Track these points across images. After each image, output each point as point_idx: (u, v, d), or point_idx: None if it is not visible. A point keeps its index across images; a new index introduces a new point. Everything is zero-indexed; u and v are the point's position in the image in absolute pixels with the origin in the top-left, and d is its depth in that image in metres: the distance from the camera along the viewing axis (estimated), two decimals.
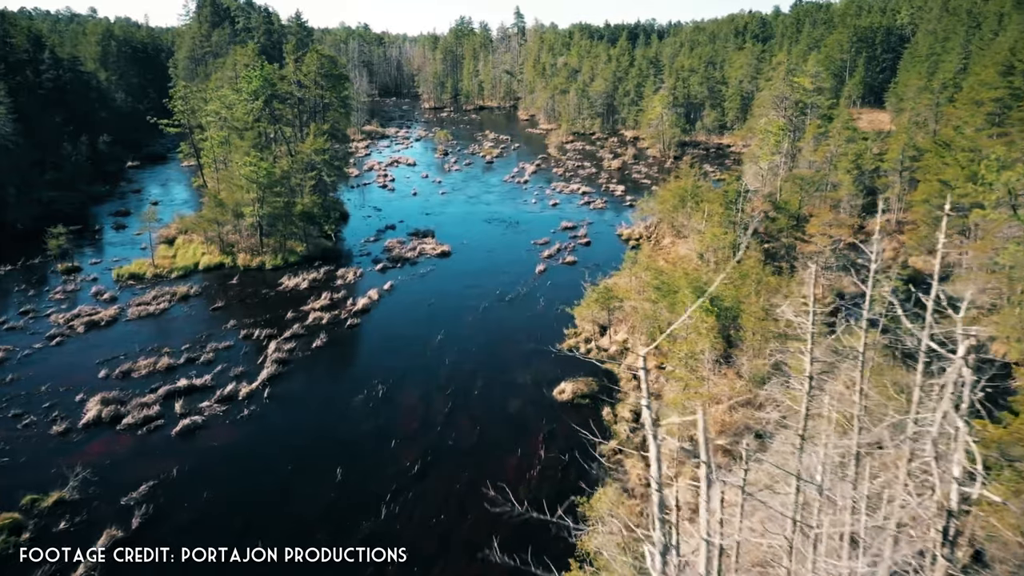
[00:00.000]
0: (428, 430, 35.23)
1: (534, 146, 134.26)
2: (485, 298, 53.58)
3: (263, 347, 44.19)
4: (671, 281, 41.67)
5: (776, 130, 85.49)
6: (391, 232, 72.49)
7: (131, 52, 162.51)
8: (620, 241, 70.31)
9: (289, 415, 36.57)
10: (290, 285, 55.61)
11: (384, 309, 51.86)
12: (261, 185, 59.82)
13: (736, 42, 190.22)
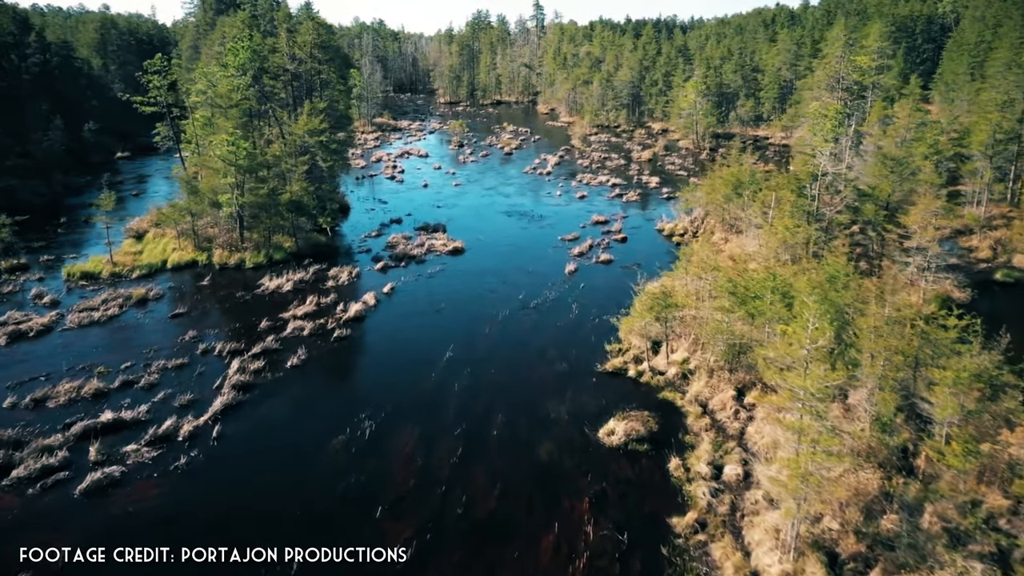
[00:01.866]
0: (429, 490, 25.53)
1: (555, 138, 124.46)
2: (505, 304, 43.88)
3: (225, 365, 34.77)
4: (752, 284, 31.74)
5: (832, 114, 75.28)
6: (396, 227, 63.03)
7: (135, 43, 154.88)
8: (662, 237, 60.32)
9: (240, 466, 27.00)
10: (271, 287, 46.22)
11: (382, 317, 42.30)
12: (241, 169, 50.53)
13: (766, 33, 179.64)
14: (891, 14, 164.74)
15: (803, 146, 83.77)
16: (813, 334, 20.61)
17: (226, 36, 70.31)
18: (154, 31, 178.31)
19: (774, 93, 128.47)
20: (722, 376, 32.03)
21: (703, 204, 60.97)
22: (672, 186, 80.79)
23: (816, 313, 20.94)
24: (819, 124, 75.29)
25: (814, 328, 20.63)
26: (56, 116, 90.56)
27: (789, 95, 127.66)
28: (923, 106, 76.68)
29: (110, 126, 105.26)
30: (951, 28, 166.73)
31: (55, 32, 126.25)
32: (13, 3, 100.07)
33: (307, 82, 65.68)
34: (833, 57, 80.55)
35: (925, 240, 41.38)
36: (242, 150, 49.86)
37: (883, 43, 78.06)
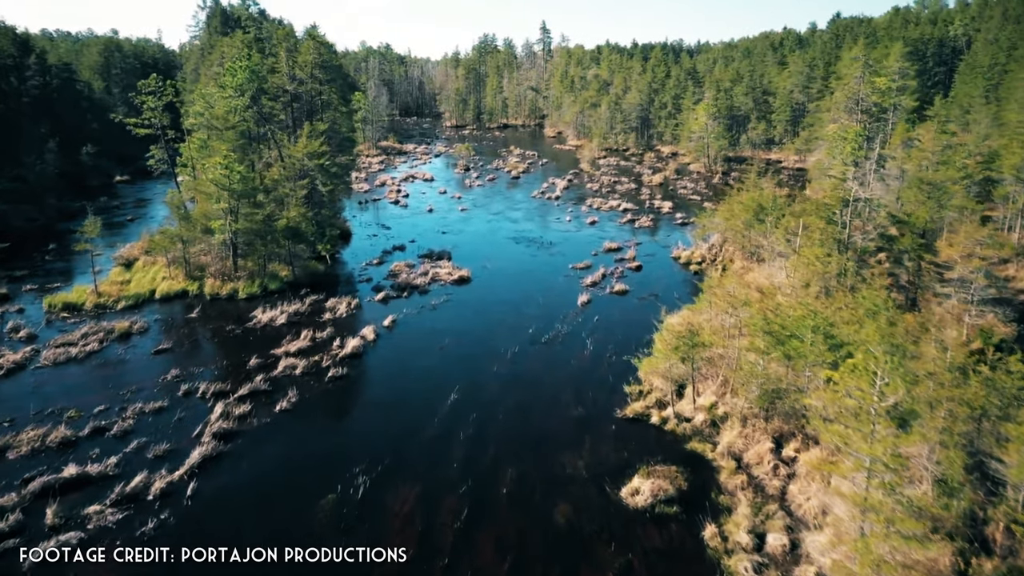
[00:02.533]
0: (428, 563, 22.27)
1: (563, 162, 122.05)
2: (514, 339, 40.77)
3: (208, 409, 31.69)
4: (788, 323, 28.58)
5: (852, 136, 72.59)
6: (399, 254, 60.18)
7: (140, 67, 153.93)
8: (678, 265, 57.24)
9: (214, 532, 23.75)
10: (263, 319, 43.25)
11: (381, 354, 39.22)
12: (234, 193, 47.85)
13: (774, 56, 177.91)
14: (902, 37, 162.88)
15: (821, 169, 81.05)
16: (883, 390, 17.45)
17: (225, 56, 68.14)
18: (160, 55, 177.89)
19: (786, 116, 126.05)
20: (757, 425, 28.78)
21: (721, 230, 58.00)
22: (686, 211, 77.93)
23: (887, 366, 17.79)
24: (838, 147, 72.85)
25: (884, 383, 17.48)
26: (51, 139, 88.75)
27: (801, 117, 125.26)
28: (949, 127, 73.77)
29: (110, 149, 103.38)
30: (963, 51, 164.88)
31: (58, 55, 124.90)
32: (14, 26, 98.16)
33: (308, 103, 63.31)
34: (852, 78, 77.95)
35: (968, 271, 38.20)
36: (236, 174, 47.20)
37: (904, 63, 75.51)
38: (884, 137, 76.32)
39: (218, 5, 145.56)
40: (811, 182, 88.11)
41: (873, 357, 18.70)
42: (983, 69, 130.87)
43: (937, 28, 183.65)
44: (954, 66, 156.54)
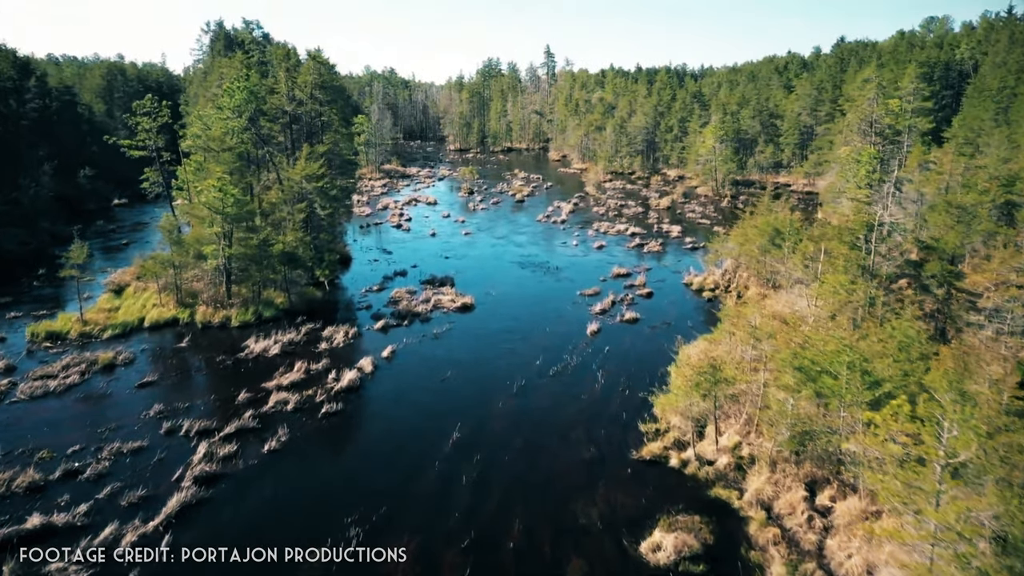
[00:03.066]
0: None
1: (568, 185, 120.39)
2: (521, 371, 38.45)
3: (191, 449, 29.38)
4: (820, 358, 26.24)
5: (866, 159, 70.84)
6: (401, 280, 58.07)
7: (143, 91, 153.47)
8: (690, 292, 54.98)
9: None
10: (256, 349, 41.02)
11: (379, 387, 36.91)
12: (228, 217, 45.90)
13: (780, 80, 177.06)
14: (909, 59, 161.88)
15: (834, 193, 79.04)
16: (951, 444, 15.12)
17: (223, 77, 66.71)
18: (164, 78, 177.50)
19: (794, 139, 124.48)
20: (787, 469, 26.33)
21: (734, 256, 55.83)
22: (695, 235, 75.89)
23: (956, 416, 15.47)
24: (851, 169, 71.09)
25: (952, 436, 15.16)
26: (46, 162, 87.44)
27: (810, 141, 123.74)
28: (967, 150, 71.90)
29: (110, 173, 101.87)
30: (969, 75, 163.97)
31: (60, 78, 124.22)
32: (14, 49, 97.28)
33: (308, 125, 61.64)
34: (864, 99, 76.24)
35: (1004, 300, 35.89)
36: (230, 196, 45.28)
37: (918, 84, 73.82)
38: (900, 160, 74.42)
39: (221, 29, 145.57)
40: (822, 205, 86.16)
41: (938, 405, 16.37)
42: (992, 92, 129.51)
43: (943, 52, 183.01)
44: (961, 90, 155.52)
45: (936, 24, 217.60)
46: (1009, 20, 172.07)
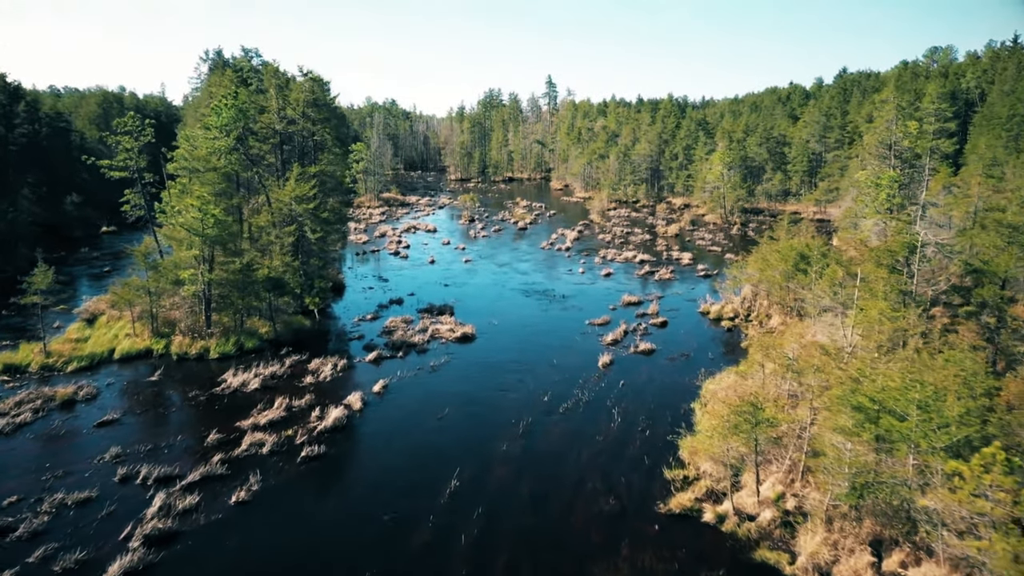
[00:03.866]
0: None
1: (571, 214, 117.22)
2: (527, 408, 34.46)
3: (146, 501, 25.33)
4: (884, 396, 22.28)
5: (887, 181, 67.55)
6: (396, 308, 54.30)
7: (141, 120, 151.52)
8: (707, 321, 51.12)
9: None
10: (234, 384, 37.07)
11: (368, 426, 32.90)
12: (208, 239, 42.31)
13: (784, 109, 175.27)
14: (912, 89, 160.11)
15: (851, 218, 75.67)
16: None
17: (213, 96, 63.71)
18: (162, 108, 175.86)
19: (803, 166, 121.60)
20: (846, 528, 22.23)
21: (754, 282, 52.07)
22: (707, 263, 72.27)
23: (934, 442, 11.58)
24: (870, 194, 67.74)
25: None
26: (27, 186, 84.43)
27: (819, 168, 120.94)
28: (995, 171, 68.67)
29: (100, 200, 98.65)
30: (975, 103, 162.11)
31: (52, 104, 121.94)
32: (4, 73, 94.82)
33: (300, 145, 58.39)
34: (883, 121, 73.12)
35: None
36: (210, 217, 41.73)
37: (940, 104, 70.82)
38: (922, 183, 71.12)
39: (220, 57, 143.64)
40: (837, 232, 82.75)
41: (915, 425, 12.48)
42: (1001, 120, 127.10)
43: (949, 81, 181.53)
44: (968, 118, 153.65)
45: (940, 54, 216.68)
46: (1015, 49, 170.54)
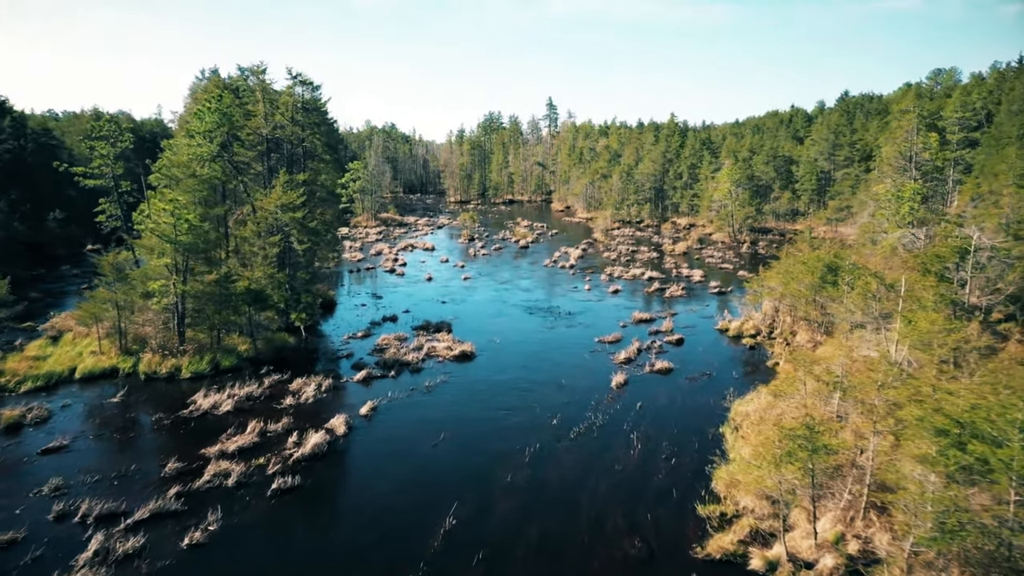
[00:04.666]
0: None
1: (574, 233, 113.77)
2: (533, 434, 30.40)
3: (82, 543, 21.21)
4: (974, 418, 18.30)
5: (909, 194, 64.14)
6: (390, 326, 50.37)
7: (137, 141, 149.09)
8: (726, 338, 47.15)
9: None
10: (204, 405, 33.02)
11: (352, 454, 28.81)
12: (181, 247, 38.51)
13: (787, 131, 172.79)
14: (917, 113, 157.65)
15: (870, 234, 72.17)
16: None
17: (198, 101, 60.37)
18: (159, 129, 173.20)
19: (811, 185, 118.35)
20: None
21: (776, 296, 48.18)
22: (720, 280, 68.47)
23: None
24: (891, 207, 64.32)
25: None
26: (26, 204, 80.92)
27: (828, 187, 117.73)
28: None
29: (86, 217, 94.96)
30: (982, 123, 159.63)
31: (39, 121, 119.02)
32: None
33: (288, 153, 54.81)
34: (903, 132, 69.88)
35: None
36: (183, 223, 37.99)
37: (964, 113, 67.59)
38: (945, 196, 67.77)
39: (216, 75, 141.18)
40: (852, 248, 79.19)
41: None
42: (1010, 140, 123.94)
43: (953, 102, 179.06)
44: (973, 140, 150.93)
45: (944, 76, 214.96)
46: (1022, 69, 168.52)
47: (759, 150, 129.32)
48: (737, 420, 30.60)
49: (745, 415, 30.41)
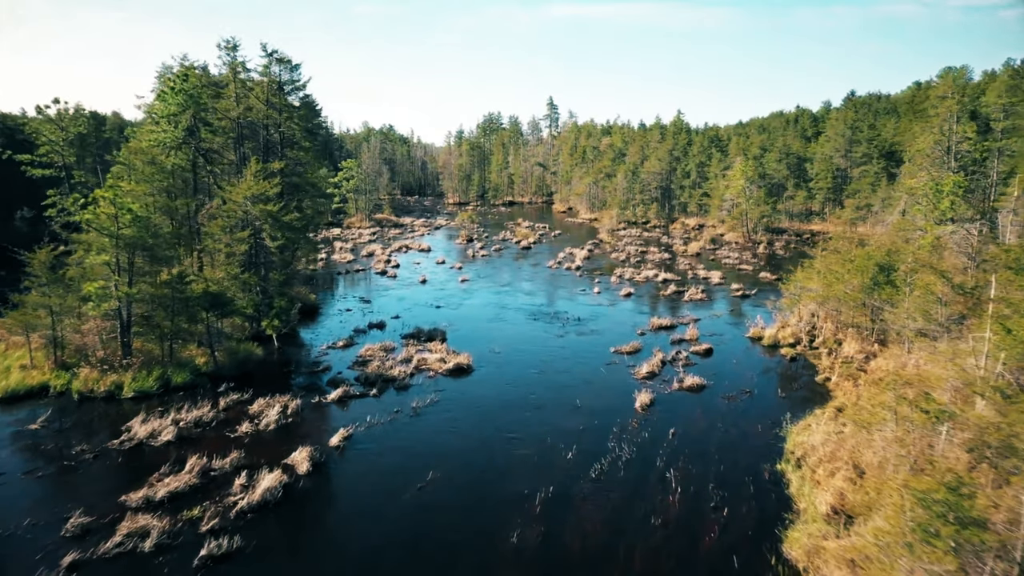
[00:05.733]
0: None
1: (577, 234, 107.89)
2: (544, 471, 24.37)
3: None
4: None
5: (950, 187, 58.34)
6: (376, 333, 44.41)
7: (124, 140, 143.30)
8: (760, 348, 41.16)
9: None
10: (140, 434, 26.98)
11: (314, 502, 22.74)
12: (124, 241, 32.53)
13: (794, 130, 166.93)
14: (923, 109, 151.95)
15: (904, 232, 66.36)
16: None
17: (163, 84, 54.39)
18: None
19: (827, 183, 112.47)
20: None
21: (819, 299, 42.20)
22: (742, 282, 62.52)
23: None
24: (930, 201, 58.71)
25: None
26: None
27: (844, 185, 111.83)
28: None
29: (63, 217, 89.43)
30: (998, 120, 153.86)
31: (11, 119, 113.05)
32: None
33: (264, 141, 48.86)
34: (940, 120, 64.03)
35: None
36: (126, 213, 32.03)
37: (1010, 98, 61.80)
38: (987, 188, 61.93)
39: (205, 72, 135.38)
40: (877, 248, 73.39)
41: None
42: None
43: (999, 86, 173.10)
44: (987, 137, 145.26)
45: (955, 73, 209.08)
46: None
47: (770, 147, 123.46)
48: (797, 453, 24.60)
49: (808, 448, 24.40)
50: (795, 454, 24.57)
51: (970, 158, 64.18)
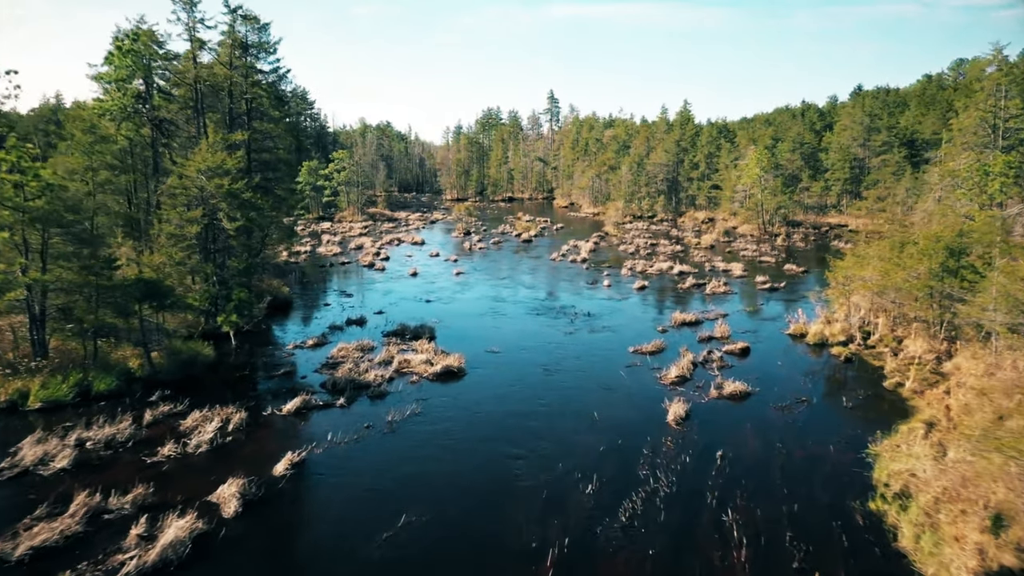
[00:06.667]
0: None
1: (581, 228, 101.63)
2: (556, 510, 18.14)
3: None
4: None
5: (1000, 168, 52.47)
6: (355, 331, 38.16)
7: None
8: (803, 346, 34.92)
9: None
10: (29, 457, 20.76)
11: (239, 556, 16.50)
12: (31, 215, 26.27)
13: (802, 124, 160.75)
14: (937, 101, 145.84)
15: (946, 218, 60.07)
16: None
17: None
18: None
19: (844, 174, 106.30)
20: None
21: (874, 289, 35.91)
22: (767, 274, 56.31)
23: None
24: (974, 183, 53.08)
25: None
26: None
27: (863, 176, 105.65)
28: None
29: None
30: None
31: None
32: None
33: (229, 110, 42.53)
34: (985, 95, 57.83)
35: None
36: (32, 181, 25.80)
37: None
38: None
39: None
40: None
41: None
42: None
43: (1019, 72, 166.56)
44: None
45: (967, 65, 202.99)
46: None
47: (784, 137, 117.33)
48: (894, 487, 18.39)
49: (910, 480, 18.18)
50: (891, 488, 18.36)
51: (1017, 137, 58.05)
